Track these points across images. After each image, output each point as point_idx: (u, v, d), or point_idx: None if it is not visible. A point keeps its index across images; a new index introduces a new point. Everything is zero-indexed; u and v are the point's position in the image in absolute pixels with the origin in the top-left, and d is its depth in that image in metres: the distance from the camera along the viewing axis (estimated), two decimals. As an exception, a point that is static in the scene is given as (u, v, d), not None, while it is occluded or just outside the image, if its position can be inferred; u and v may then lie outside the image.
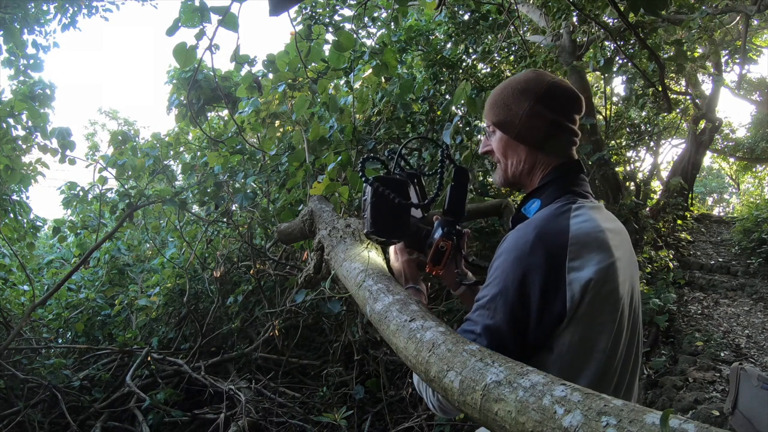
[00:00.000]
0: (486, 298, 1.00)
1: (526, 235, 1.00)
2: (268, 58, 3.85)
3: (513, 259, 0.99)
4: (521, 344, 0.96)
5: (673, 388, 3.64)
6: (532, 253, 0.97)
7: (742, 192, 15.64)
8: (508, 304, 0.96)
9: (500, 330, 0.96)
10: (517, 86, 1.15)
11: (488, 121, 1.20)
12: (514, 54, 5.52)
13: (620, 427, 0.55)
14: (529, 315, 0.95)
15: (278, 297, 4.82)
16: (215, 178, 4.49)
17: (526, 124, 1.13)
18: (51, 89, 5.66)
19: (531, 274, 0.96)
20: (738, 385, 2.44)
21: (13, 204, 5.27)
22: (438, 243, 1.20)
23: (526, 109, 1.13)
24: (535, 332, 0.96)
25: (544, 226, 1.01)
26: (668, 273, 5.84)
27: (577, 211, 1.04)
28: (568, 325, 0.95)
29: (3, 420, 3.87)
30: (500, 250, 1.04)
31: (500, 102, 1.17)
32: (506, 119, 1.15)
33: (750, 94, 11.57)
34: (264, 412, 3.77)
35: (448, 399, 0.81)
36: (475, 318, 1.00)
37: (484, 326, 0.97)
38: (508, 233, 1.08)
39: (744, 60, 8.55)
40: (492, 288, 1.00)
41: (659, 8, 2.03)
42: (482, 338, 0.96)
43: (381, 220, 1.23)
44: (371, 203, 1.23)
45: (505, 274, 0.98)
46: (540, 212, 1.09)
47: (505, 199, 2.94)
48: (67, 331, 5.56)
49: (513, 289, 0.96)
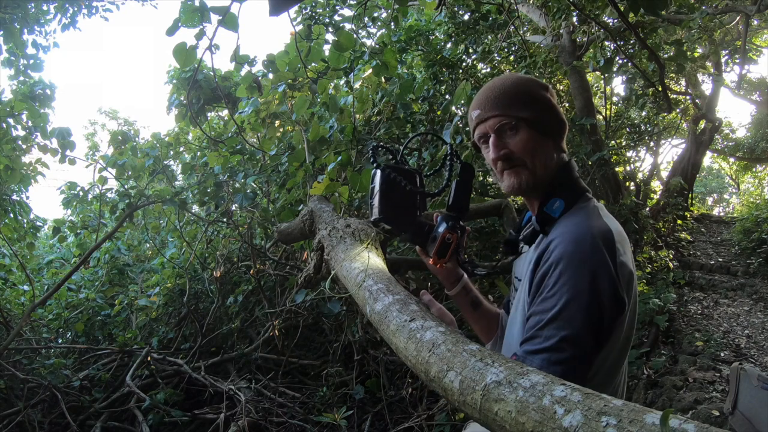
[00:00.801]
0: (555, 309, 0.93)
1: (583, 237, 0.97)
2: (268, 58, 3.85)
3: (578, 262, 0.94)
4: (596, 345, 0.94)
5: (673, 388, 3.64)
6: (594, 252, 0.95)
7: (742, 192, 15.64)
8: (584, 308, 0.92)
9: (581, 338, 0.91)
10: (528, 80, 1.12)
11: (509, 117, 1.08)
12: (514, 54, 5.52)
13: (620, 427, 0.55)
14: (603, 315, 0.93)
15: (278, 297, 4.82)
16: (215, 178, 4.49)
17: (552, 118, 1.09)
18: (51, 89, 5.66)
19: (600, 273, 0.93)
20: (738, 385, 2.44)
21: (13, 204, 5.27)
22: (444, 235, 1.18)
23: (549, 101, 1.10)
24: (606, 330, 0.95)
25: (593, 226, 0.99)
26: (668, 273, 5.84)
27: (602, 210, 1.06)
28: (625, 316, 0.98)
29: (3, 420, 3.87)
30: (556, 257, 0.97)
31: (524, 95, 1.08)
32: (535, 114, 1.08)
33: (750, 94, 11.57)
34: (264, 412, 3.77)
35: (448, 399, 0.81)
36: (545, 333, 0.93)
37: (562, 338, 0.91)
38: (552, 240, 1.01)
39: (744, 60, 8.56)
40: (560, 297, 0.93)
41: (659, 8, 2.03)
42: (561, 351, 0.90)
43: (390, 207, 1.20)
44: (381, 190, 1.19)
45: (574, 279, 0.93)
46: (577, 213, 1.06)
47: (505, 200, 2.94)
48: (67, 331, 5.56)
49: (586, 292, 0.92)
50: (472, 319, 1.42)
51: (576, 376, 0.89)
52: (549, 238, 1.03)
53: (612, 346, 0.98)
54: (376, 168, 1.21)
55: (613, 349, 0.99)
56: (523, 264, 1.18)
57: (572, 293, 0.92)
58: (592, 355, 0.93)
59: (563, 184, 1.11)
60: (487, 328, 1.42)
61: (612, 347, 0.98)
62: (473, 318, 1.42)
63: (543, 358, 0.91)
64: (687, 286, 5.96)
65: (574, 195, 1.10)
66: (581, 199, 1.10)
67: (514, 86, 1.10)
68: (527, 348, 0.95)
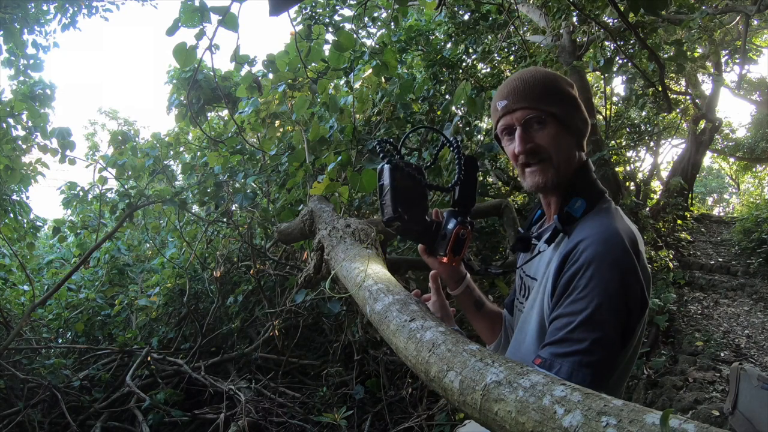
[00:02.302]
0: (587, 312, 0.91)
1: (614, 239, 0.96)
2: (268, 58, 3.85)
3: (609, 264, 0.93)
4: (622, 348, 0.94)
5: (673, 388, 3.64)
6: (625, 255, 0.94)
7: (742, 192, 15.64)
8: (615, 311, 0.91)
9: (612, 340, 0.91)
10: (555, 76, 1.10)
11: (538, 110, 1.06)
12: (514, 54, 5.52)
13: (620, 427, 0.55)
14: (630, 317, 0.93)
15: (278, 297, 4.82)
16: (215, 178, 4.49)
17: (579, 116, 1.09)
18: (51, 89, 5.66)
19: (629, 277, 0.93)
20: (738, 385, 2.44)
21: (13, 204, 5.27)
22: (458, 231, 1.16)
23: (576, 98, 1.09)
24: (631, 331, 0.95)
25: (620, 228, 0.99)
26: (668, 273, 5.84)
27: (620, 212, 1.07)
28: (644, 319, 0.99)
29: (3, 420, 3.87)
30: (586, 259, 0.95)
31: (554, 90, 1.07)
32: (565, 109, 1.07)
33: (750, 94, 11.57)
34: (264, 412, 3.77)
35: (448, 399, 0.81)
36: (576, 336, 0.91)
37: (594, 341, 0.90)
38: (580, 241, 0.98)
39: (744, 60, 8.56)
40: (591, 299, 0.92)
41: (659, 8, 2.03)
42: (592, 354, 0.89)
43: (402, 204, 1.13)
44: (392, 186, 1.13)
45: (605, 282, 0.92)
46: (599, 214, 1.06)
47: (505, 199, 2.94)
48: (67, 331, 5.57)
49: (618, 295, 0.92)
50: (475, 319, 1.40)
51: (603, 377, 0.90)
52: (575, 239, 1.01)
53: (629, 348, 0.99)
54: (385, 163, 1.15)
55: (629, 351, 0.99)
56: (539, 264, 1.14)
57: (604, 296, 0.91)
58: (619, 358, 0.94)
59: (584, 183, 1.10)
60: (491, 328, 1.40)
61: (629, 349, 0.99)
62: (476, 318, 1.40)
63: (574, 361, 0.89)
64: (687, 286, 5.96)
65: (595, 195, 1.09)
66: (602, 200, 1.09)
67: (544, 80, 1.08)
68: (554, 350, 0.93)
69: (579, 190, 1.08)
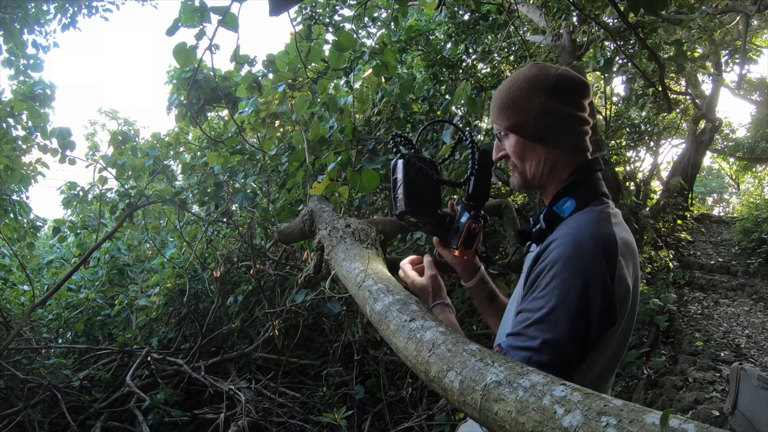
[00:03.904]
0: (543, 311, 0.92)
1: (584, 242, 0.94)
2: (268, 58, 3.85)
3: (573, 268, 0.92)
4: (579, 355, 0.92)
5: (673, 388, 3.63)
6: (593, 261, 0.92)
7: (742, 192, 15.63)
8: (571, 315, 0.90)
9: (563, 344, 0.90)
10: (524, 84, 1.09)
11: (499, 125, 1.13)
12: (514, 54, 5.51)
13: (620, 427, 0.55)
14: (590, 325, 0.91)
15: (278, 297, 4.82)
16: (215, 178, 4.49)
17: (540, 123, 1.07)
18: (51, 89, 5.66)
19: (593, 283, 0.91)
20: (738, 385, 2.45)
21: (13, 204, 5.27)
22: (470, 225, 1.16)
23: (538, 106, 1.07)
24: (591, 341, 0.93)
25: (597, 232, 0.96)
26: (668, 273, 5.84)
27: (615, 218, 1.03)
28: (615, 331, 0.96)
29: (3, 420, 3.87)
30: (553, 258, 0.96)
31: (509, 103, 1.10)
32: (519, 121, 1.09)
33: (750, 94, 11.56)
34: (264, 412, 3.77)
35: (448, 399, 0.81)
36: (530, 333, 0.92)
37: (544, 341, 0.90)
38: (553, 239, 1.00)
39: (744, 60, 8.55)
40: (549, 299, 0.92)
41: (659, 8, 2.03)
42: (542, 354, 0.89)
43: (415, 198, 1.15)
44: (405, 180, 1.15)
45: (566, 284, 0.92)
46: (583, 216, 1.04)
47: (505, 199, 2.94)
48: (67, 331, 5.57)
49: (576, 300, 0.91)
50: (488, 312, 1.39)
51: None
52: (552, 237, 1.02)
53: (598, 359, 0.97)
54: (399, 158, 1.17)
55: (598, 361, 0.98)
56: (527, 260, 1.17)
57: (561, 299, 0.91)
58: (572, 364, 0.91)
59: (579, 183, 1.09)
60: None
61: (597, 359, 0.97)
62: (489, 311, 1.39)
63: (524, 356, 0.90)
64: (687, 286, 5.96)
65: (588, 196, 1.07)
66: (596, 201, 1.07)
67: (504, 94, 1.12)
68: (511, 342, 0.95)
69: (571, 190, 1.08)
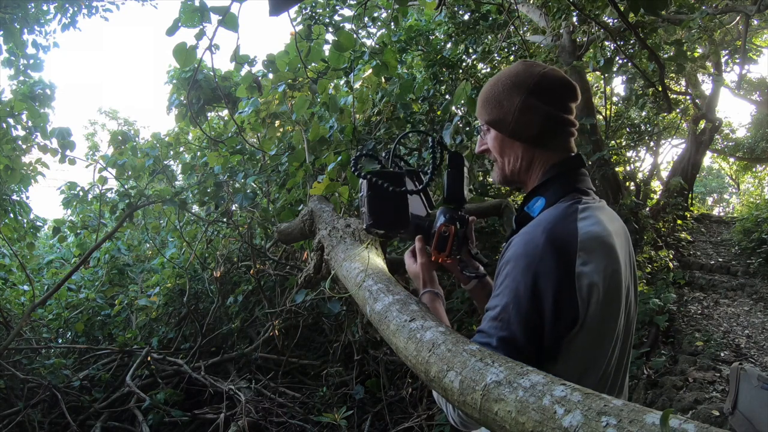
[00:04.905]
0: (497, 309, 0.95)
1: (535, 239, 0.95)
2: (268, 58, 3.85)
3: (523, 266, 0.94)
4: (538, 353, 0.92)
5: (673, 388, 3.64)
6: (542, 258, 0.93)
7: (742, 192, 15.63)
8: (522, 313, 0.92)
9: (516, 341, 0.91)
10: (507, 81, 1.10)
11: (481, 119, 1.16)
12: (514, 54, 5.51)
13: (620, 427, 0.55)
14: (543, 322, 0.92)
15: (278, 297, 4.83)
16: (215, 178, 4.49)
17: (519, 120, 1.08)
18: (51, 89, 5.66)
19: (543, 281, 0.92)
20: (738, 385, 2.45)
21: (13, 204, 5.27)
22: (440, 228, 1.18)
23: (518, 104, 1.08)
24: (550, 339, 0.93)
25: (552, 229, 0.96)
26: (668, 273, 5.84)
27: (584, 212, 1.01)
28: (580, 330, 0.94)
29: (3, 420, 3.87)
30: (507, 257, 0.99)
31: (491, 99, 1.12)
32: (499, 117, 1.11)
33: (750, 94, 11.56)
34: (264, 412, 3.77)
35: (448, 399, 0.80)
36: (488, 330, 0.95)
37: (499, 338, 0.92)
38: (513, 237, 1.02)
39: (744, 60, 8.55)
40: (503, 297, 0.95)
41: (659, 8, 2.03)
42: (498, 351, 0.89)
43: (379, 212, 1.23)
44: (368, 197, 1.22)
45: (516, 282, 0.93)
46: (546, 213, 1.04)
47: (505, 199, 2.94)
48: (67, 331, 5.57)
49: (525, 297, 0.92)
50: None
51: None
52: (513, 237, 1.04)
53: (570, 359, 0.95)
54: (358, 177, 1.24)
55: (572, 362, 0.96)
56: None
57: (511, 296, 0.93)
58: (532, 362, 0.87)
59: (550, 182, 1.09)
60: None
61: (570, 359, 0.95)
62: None
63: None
64: (687, 286, 5.96)
65: (558, 194, 1.06)
66: (566, 197, 1.05)
67: (488, 89, 1.15)
68: (476, 338, 0.97)
69: (543, 189, 1.09)
